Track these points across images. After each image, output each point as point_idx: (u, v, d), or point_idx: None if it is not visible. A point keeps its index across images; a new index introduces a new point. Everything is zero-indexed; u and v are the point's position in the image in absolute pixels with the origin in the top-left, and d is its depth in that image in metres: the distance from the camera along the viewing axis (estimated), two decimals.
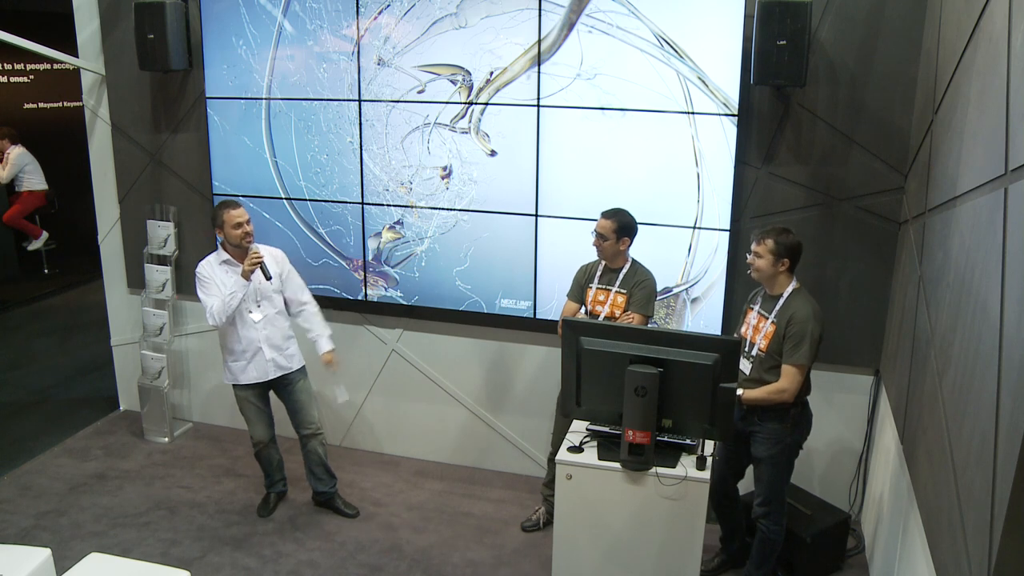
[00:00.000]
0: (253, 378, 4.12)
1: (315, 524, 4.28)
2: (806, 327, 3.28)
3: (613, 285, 3.84)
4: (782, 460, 3.45)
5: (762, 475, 3.49)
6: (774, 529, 3.52)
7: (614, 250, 3.79)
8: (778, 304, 3.38)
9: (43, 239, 8.43)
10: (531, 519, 4.29)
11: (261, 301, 4.06)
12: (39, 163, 8.21)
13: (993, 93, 2.29)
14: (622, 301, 3.82)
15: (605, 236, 3.76)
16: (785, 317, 3.34)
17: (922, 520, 2.74)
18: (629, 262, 3.86)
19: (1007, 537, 1.77)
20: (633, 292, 3.81)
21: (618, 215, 3.76)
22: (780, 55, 3.60)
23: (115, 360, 5.55)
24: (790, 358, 3.31)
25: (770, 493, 3.48)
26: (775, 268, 3.35)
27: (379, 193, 4.59)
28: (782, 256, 3.33)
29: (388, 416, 5.03)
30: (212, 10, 4.62)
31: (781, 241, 3.31)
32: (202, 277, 4.00)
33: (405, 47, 4.34)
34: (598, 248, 3.81)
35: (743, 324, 3.57)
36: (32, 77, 8.92)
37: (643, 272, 3.86)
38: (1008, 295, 1.94)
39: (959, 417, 2.32)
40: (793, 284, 3.39)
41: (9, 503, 4.42)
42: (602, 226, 3.77)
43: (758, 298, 3.52)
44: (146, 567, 3.13)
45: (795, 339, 3.30)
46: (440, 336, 4.79)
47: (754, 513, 3.54)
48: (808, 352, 3.29)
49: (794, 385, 3.32)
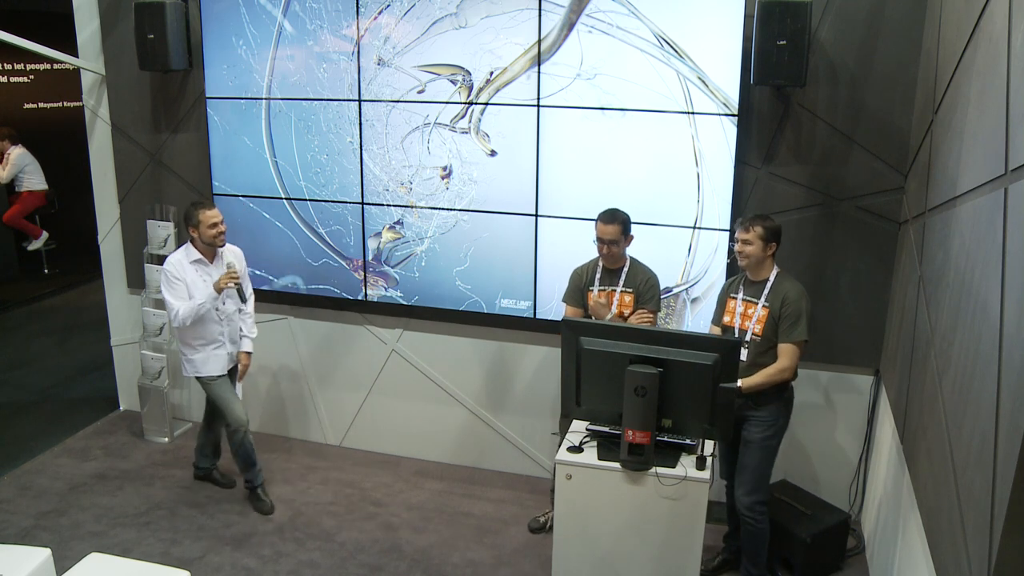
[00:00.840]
0: (213, 370, 4.22)
1: (315, 524, 4.29)
2: (800, 305, 3.39)
3: (617, 285, 3.84)
4: (773, 443, 3.52)
5: (751, 460, 3.50)
6: (760, 519, 3.52)
7: (621, 251, 3.79)
8: (766, 288, 3.46)
9: (43, 239, 8.43)
10: (539, 520, 4.27)
11: (225, 298, 4.20)
12: (39, 163, 8.21)
13: (993, 93, 2.29)
14: (629, 300, 3.82)
15: (616, 241, 3.73)
16: (778, 299, 3.42)
17: (922, 520, 2.74)
18: (628, 260, 3.87)
19: (1007, 537, 1.77)
20: (643, 292, 3.81)
21: (618, 216, 3.76)
22: (780, 55, 3.60)
23: (115, 360, 5.55)
24: (789, 336, 3.39)
25: (756, 480, 3.51)
26: (764, 253, 3.44)
27: (379, 193, 4.59)
28: (770, 240, 3.43)
29: (388, 416, 5.03)
30: (212, 10, 4.62)
31: (768, 226, 3.42)
32: (171, 277, 4.05)
33: (405, 47, 4.34)
34: (608, 255, 3.76)
35: (725, 314, 3.61)
36: (32, 77, 8.92)
37: (645, 269, 3.87)
38: (1008, 295, 1.94)
39: (959, 417, 2.32)
40: (776, 268, 3.49)
41: (9, 503, 4.42)
42: (609, 232, 3.71)
43: (739, 286, 3.57)
44: (146, 567, 3.13)
45: (792, 318, 3.38)
46: (440, 336, 4.79)
47: (739, 503, 3.53)
48: (805, 328, 3.39)
49: (794, 363, 3.41)
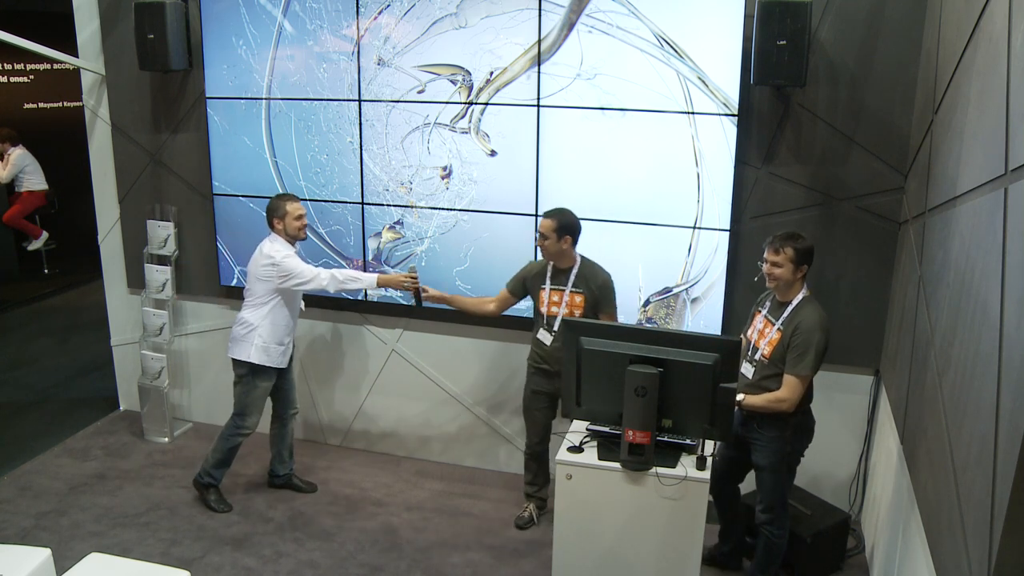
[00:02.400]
0: (283, 362, 4.29)
1: (315, 524, 4.28)
2: (812, 337, 3.25)
3: (566, 285, 3.88)
4: (782, 468, 3.44)
5: (764, 482, 3.48)
6: (778, 534, 3.51)
7: (556, 249, 3.83)
8: (786, 312, 3.35)
9: (43, 239, 8.43)
10: (523, 516, 4.29)
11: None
12: (39, 163, 8.21)
13: (993, 93, 2.29)
14: (580, 301, 3.86)
15: (545, 235, 3.81)
16: (792, 326, 3.31)
17: (922, 520, 2.74)
18: (579, 261, 3.89)
19: (1007, 537, 1.77)
20: (600, 296, 3.85)
21: (559, 214, 3.82)
22: (780, 55, 3.60)
23: (115, 360, 5.55)
24: (793, 368, 3.28)
25: (772, 499, 3.47)
26: (794, 276, 3.32)
27: (379, 193, 4.59)
28: (801, 263, 3.30)
29: (388, 416, 5.03)
30: (212, 10, 4.62)
31: (799, 247, 3.28)
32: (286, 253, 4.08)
33: (405, 47, 4.34)
34: (541, 247, 3.87)
35: (749, 326, 3.56)
36: (32, 77, 8.92)
37: (598, 271, 3.90)
38: (1008, 295, 1.94)
39: (959, 417, 2.32)
40: (804, 292, 3.37)
41: (9, 503, 4.42)
42: (543, 225, 3.83)
43: (767, 302, 3.50)
44: (146, 567, 3.12)
45: (799, 349, 3.27)
46: (440, 336, 4.79)
47: (757, 519, 3.53)
48: (812, 363, 3.26)
49: (795, 396, 3.28)
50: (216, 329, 5.22)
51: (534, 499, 4.29)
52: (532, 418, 4.15)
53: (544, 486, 4.29)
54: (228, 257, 4.97)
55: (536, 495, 4.29)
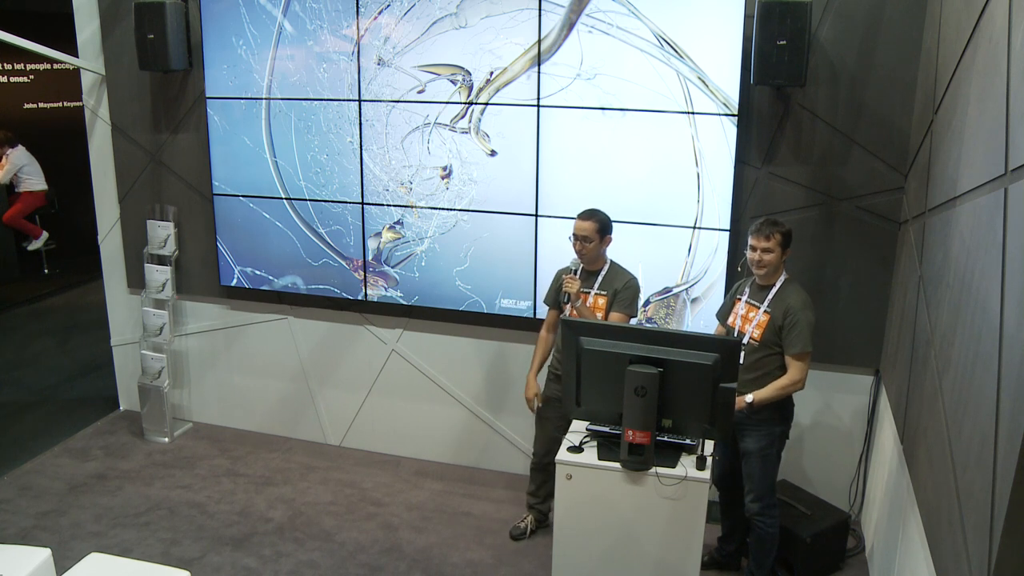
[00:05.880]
0: None
1: (315, 524, 4.28)
2: (804, 316, 3.36)
3: (592, 288, 3.80)
4: (772, 452, 3.50)
5: (753, 470, 3.51)
6: (769, 523, 3.53)
7: (597, 251, 3.75)
8: (770, 294, 3.44)
9: (43, 239, 8.42)
10: (519, 527, 4.25)
11: None
12: (39, 163, 8.21)
13: (993, 93, 2.29)
14: (603, 303, 3.77)
15: (589, 238, 3.69)
16: (781, 307, 3.39)
17: (922, 520, 2.74)
18: (608, 263, 3.83)
19: (1007, 537, 1.77)
20: (618, 293, 3.78)
21: (595, 214, 3.72)
22: (780, 55, 3.60)
23: (115, 360, 5.55)
24: (794, 348, 3.37)
25: (762, 487, 3.51)
26: (781, 259, 3.43)
27: (379, 193, 4.59)
28: (787, 246, 3.42)
29: (388, 416, 5.03)
30: (212, 10, 4.62)
31: (784, 231, 3.41)
32: None
33: (405, 47, 4.34)
34: (581, 252, 3.73)
35: (730, 314, 3.60)
36: (32, 77, 8.92)
37: (624, 273, 3.81)
38: (1008, 295, 1.94)
39: (959, 417, 2.32)
40: (785, 274, 3.47)
41: (9, 503, 4.42)
42: (584, 228, 3.69)
43: (745, 288, 3.57)
44: (146, 567, 3.12)
45: (796, 329, 3.36)
46: (440, 336, 4.79)
47: (748, 511, 3.55)
48: (808, 339, 3.37)
49: (803, 374, 3.39)
50: (216, 329, 5.22)
51: (534, 511, 4.23)
52: (542, 426, 4.04)
53: (546, 500, 4.17)
54: (228, 257, 4.98)
55: (537, 507, 4.22)
